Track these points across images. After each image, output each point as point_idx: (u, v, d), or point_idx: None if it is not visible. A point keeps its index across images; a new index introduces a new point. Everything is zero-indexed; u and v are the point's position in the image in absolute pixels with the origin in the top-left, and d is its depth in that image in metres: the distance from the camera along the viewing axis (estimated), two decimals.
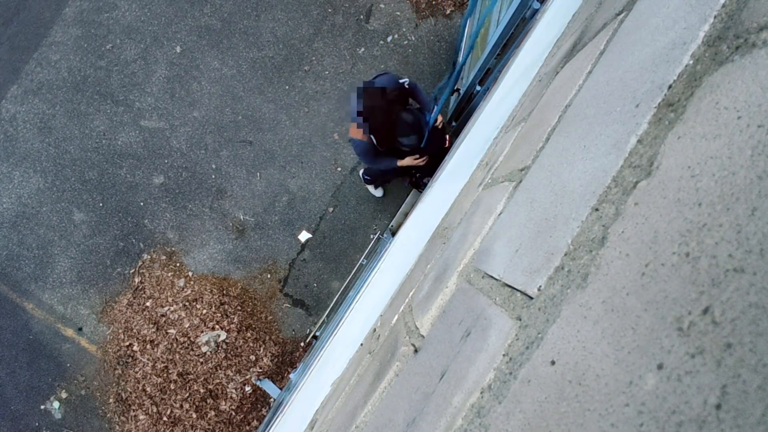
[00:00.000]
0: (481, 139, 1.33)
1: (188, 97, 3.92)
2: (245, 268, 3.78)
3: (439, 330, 0.65)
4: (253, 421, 3.65)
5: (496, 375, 0.42)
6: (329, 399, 1.17)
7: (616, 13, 0.63)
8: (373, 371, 0.87)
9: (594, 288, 0.33)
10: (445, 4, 3.76)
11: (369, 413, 0.74)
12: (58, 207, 3.96)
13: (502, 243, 0.58)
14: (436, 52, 3.72)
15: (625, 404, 0.25)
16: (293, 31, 3.87)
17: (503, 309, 0.48)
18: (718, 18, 0.35)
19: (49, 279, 3.93)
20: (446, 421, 0.46)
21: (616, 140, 0.42)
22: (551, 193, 0.50)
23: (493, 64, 2.40)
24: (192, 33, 3.97)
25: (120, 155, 3.94)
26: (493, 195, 0.77)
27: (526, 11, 1.98)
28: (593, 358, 0.29)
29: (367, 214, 3.69)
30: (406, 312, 0.90)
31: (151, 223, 3.88)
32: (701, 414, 0.20)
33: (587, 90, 0.58)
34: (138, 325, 3.77)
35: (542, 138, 0.65)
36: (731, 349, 0.20)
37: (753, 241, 0.21)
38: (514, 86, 1.31)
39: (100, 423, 3.80)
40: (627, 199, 0.35)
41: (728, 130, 0.27)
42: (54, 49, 4.09)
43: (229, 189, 3.82)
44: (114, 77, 4.01)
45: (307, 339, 3.69)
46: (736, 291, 0.21)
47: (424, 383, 0.58)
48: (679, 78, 0.37)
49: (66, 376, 3.87)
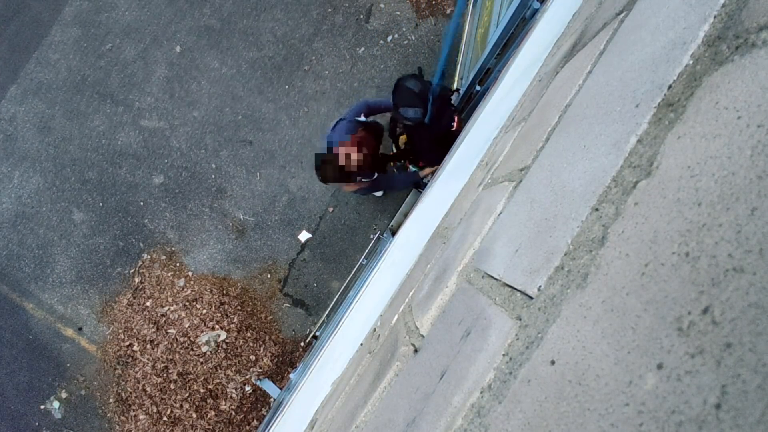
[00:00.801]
0: (480, 139, 1.33)
1: (188, 97, 3.92)
2: (245, 268, 3.78)
3: (439, 330, 0.65)
4: (253, 421, 3.65)
5: (496, 375, 0.42)
6: (329, 399, 1.17)
7: (616, 12, 0.63)
8: (373, 371, 0.87)
9: (594, 288, 0.33)
10: (445, 4, 3.76)
11: (369, 413, 0.74)
12: (58, 207, 3.96)
13: (502, 243, 0.58)
14: (437, 52, 3.72)
15: (625, 404, 0.25)
16: (293, 30, 3.86)
17: (503, 309, 0.48)
18: (718, 18, 0.35)
19: (49, 279, 3.93)
20: (446, 421, 0.46)
21: (616, 140, 0.42)
22: (551, 192, 0.50)
23: (493, 64, 2.40)
24: (191, 33, 3.97)
25: (120, 155, 3.94)
26: (493, 195, 0.77)
27: (526, 11, 1.98)
28: (593, 358, 0.29)
29: (367, 214, 3.69)
30: (406, 312, 0.90)
31: (151, 222, 3.88)
32: (701, 414, 0.20)
33: (587, 90, 0.58)
34: (138, 325, 3.77)
35: (542, 138, 0.66)
36: (731, 349, 0.20)
37: (753, 240, 0.21)
38: (514, 86, 1.31)
39: (100, 423, 3.80)
40: (627, 199, 0.35)
41: (728, 130, 0.27)
42: (53, 49, 4.09)
43: (229, 189, 3.82)
44: (113, 77, 4.01)
45: (307, 339, 3.69)
46: (736, 291, 0.21)
47: (424, 383, 0.58)
48: (679, 78, 0.37)
49: (66, 376, 3.87)
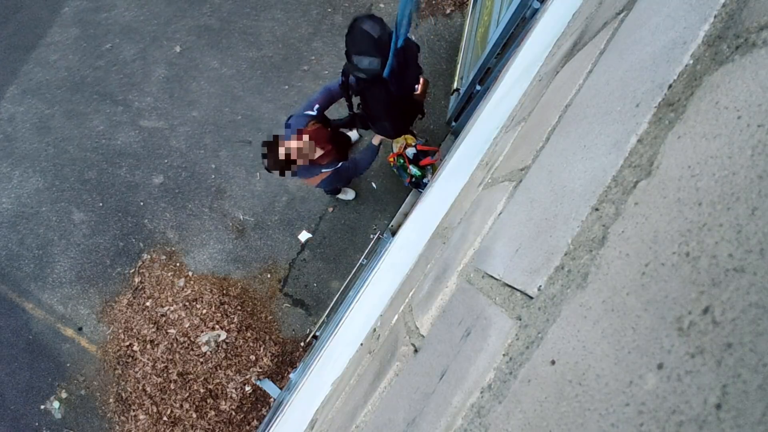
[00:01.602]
0: (481, 139, 1.33)
1: (187, 97, 3.91)
2: (245, 268, 3.78)
3: (439, 330, 0.65)
4: (253, 421, 3.65)
5: (496, 375, 0.42)
6: (329, 399, 1.17)
7: (617, 12, 0.63)
8: (373, 371, 0.87)
9: (594, 288, 0.33)
10: (444, 4, 3.76)
11: (369, 413, 0.74)
12: (58, 207, 3.95)
13: (502, 243, 0.58)
14: (436, 52, 3.72)
15: (626, 404, 0.25)
16: (292, 30, 3.86)
17: (503, 309, 0.48)
18: (718, 17, 0.35)
19: (48, 279, 3.93)
20: (446, 421, 0.46)
21: (616, 140, 0.41)
22: (551, 192, 0.50)
23: (493, 63, 2.40)
24: (191, 33, 3.96)
25: (119, 155, 3.94)
26: (493, 195, 0.77)
27: (526, 11, 1.98)
28: (593, 358, 0.29)
29: (367, 214, 3.69)
30: (406, 312, 0.90)
31: (151, 222, 3.88)
32: (701, 414, 0.20)
33: (587, 89, 0.58)
34: (138, 324, 3.77)
35: (542, 138, 0.65)
36: (731, 349, 0.20)
37: (753, 240, 0.21)
38: (514, 86, 1.31)
39: (100, 423, 3.80)
40: (627, 198, 0.35)
41: (728, 130, 0.27)
42: (52, 48, 4.08)
43: (229, 189, 3.82)
44: (113, 77, 4.00)
45: (307, 339, 3.69)
46: (737, 291, 0.21)
47: (424, 383, 0.58)
48: (680, 77, 0.37)
49: (66, 376, 3.87)
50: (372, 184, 3.71)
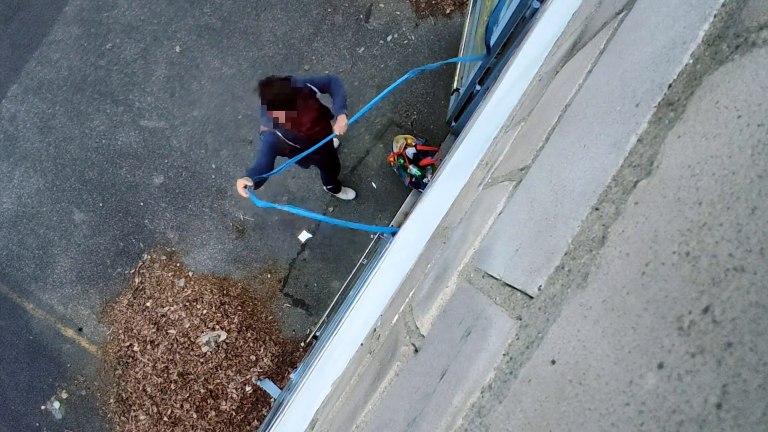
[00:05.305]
0: (481, 139, 1.33)
1: (188, 97, 3.92)
2: (245, 268, 3.78)
3: (439, 330, 0.65)
4: (254, 421, 3.65)
5: (496, 374, 0.42)
6: (330, 399, 1.17)
7: (616, 12, 0.63)
8: (373, 371, 0.87)
9: (594, 287, 0.33)
10: (444, 4, 3.76)
11: (369, 413, 0.74)
12: (58, 207, 3.96)
13: (503, 242, 0.58)
14: (436, 52, 3.72)
15: (626, 403, 0.25)
16: (293, 30, 3.86)
17: (503, 308, 0.48)
18: (718, 17, 0.35)
19: (49, 279, 3.93)
20: (447, 421, 0.46)
21: (616, 139, 0.41)
22: (551, 192, 0.50)
23: (493, 63, 2.40)
24: (192, 32, 3.97)
25: (120, 155, 3.94)
26: (493, 194, 0.77)
27: (525, 11, 1.98)
28: (593, 358, 0.29)
29: (367, 214, 3.69)
30: (406, 312, 0.90)
31: (151, 223, 3.88)
32: (702, 413, 0.20)
33: (587, 89, 0.58)
34: (138, 325, 3.77)
35: (542, 137, 0.65)
36: (732, 349, 0.20)
37: (753, 240, 0.21)
38: (513, 86, 1.31)
39: (100, 423, 3.80)
40: (627, 198, 0.35)
41: (728, 129, 0.27)
42: (54, 47, 4.09)
43: (229, 188, 3.82)
44: (114, 76, 4.01)
45: (308, 339, 3.69)
46: (737, 290, 0.21)
47: (424, 383, 0.58)
48: (679, 77, 0.36)
49: (66, 376, 3.87)
50: (372, 184, 3.71)
